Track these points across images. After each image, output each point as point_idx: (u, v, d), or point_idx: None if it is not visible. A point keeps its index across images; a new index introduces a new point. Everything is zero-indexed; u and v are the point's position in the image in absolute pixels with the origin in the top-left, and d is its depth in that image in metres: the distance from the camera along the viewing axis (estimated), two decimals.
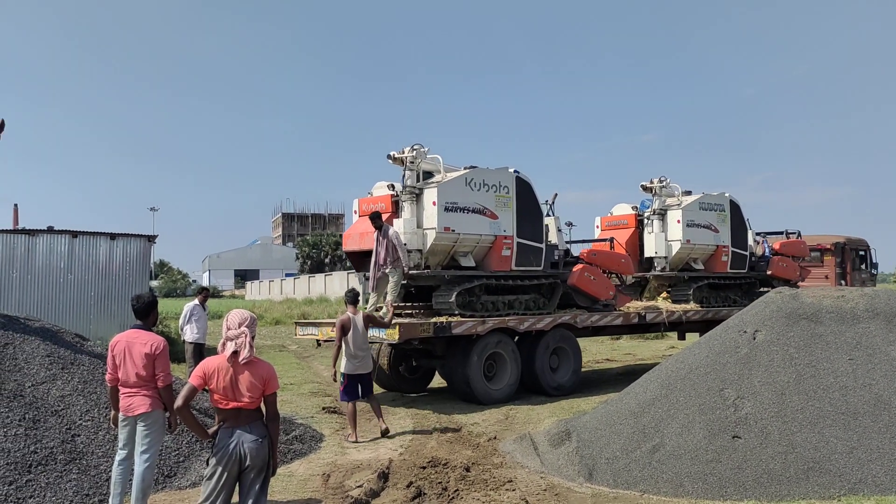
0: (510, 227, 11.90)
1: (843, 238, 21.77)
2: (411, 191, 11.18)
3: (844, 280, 20.95)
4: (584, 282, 12.89)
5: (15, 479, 5.92)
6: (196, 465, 6.89)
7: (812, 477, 5.99)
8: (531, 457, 7.57)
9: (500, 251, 11.75)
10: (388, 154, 11.35)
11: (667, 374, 7.86)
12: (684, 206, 14.77)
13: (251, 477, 4.41)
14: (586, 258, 13.29)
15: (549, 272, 12.66)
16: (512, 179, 12.02)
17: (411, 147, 11.24)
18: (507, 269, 11.90)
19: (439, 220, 10.89)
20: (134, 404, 5.40)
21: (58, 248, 17.45)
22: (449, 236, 11.09)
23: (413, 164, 11.24)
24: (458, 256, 11.50)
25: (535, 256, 12.31)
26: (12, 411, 6.51)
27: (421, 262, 11.12)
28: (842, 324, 7.50)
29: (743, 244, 15.99)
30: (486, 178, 11.64)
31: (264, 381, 4.45)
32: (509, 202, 11.92)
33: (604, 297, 13.25)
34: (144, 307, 5.65)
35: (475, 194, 11.46)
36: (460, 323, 10.85)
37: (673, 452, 6.59)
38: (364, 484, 6.67)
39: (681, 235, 14.58)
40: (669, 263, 14.78)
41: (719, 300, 15.73)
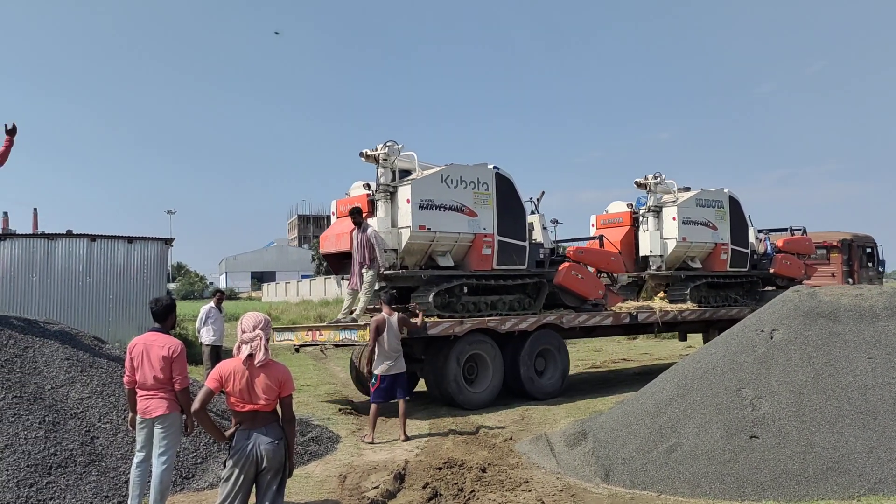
0: (490, 224, 11.59)
1: (849, 235, 21.21)
2: (385, 189, 10.94)
3: (852, 278, 20.41)
4: (570, 281, 12.49)
5: (36, 481, 5.99)
6: (213, 466, 6.93)
7: (831, 477, 5.93)
8: (547, 457, 7.56)
9: (480, 250, 11.44)
10: (360, 152, 11.08)
11: (683, 373, 7.82)
12: (680, 203, 14.41)
13: (268, 478, 4.44)
14: (573, 256, 12.96)
15: (534, 271, 12.32)
16: (491, 176, 11.72)
17: (384, 144, 10.99)
18: (489, 268, 11.59)
19: (414, 219, 10.63)
20: (151, 407, 5.45)
21: (76, 251, 17.63)
22: (425, 235, 10.82)
23: (387, 162, 10.98)
24: (436, 256, 11.23)
25: (518, 255, 11.99)
26: (32, 414, 6.59)
27: (397, 262, 10.88)
28: (860, 322, 7.42)
29: (743, 242, 15.60)
30: (463, 174, 11.35)
31: (280, 383, 4.47)
32: (489, 199, 11.63)
33: (592, 297, 12.85)
34: (162, 310, 5.70)
35: (452, 191, 11.16)
36: (437, 324, 10.51)
37: (690, 452, 6.55)
38: (380, 485, 6.69)
39: (676, 233, 14.19)
40: (665, 262, 14.41)
41: (719, 300, 15.36)
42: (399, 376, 9.02)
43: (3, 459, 6.04)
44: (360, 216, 10.56)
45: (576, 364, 17.36)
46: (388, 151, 10.93)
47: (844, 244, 20.73)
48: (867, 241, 21.93)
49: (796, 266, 16.58)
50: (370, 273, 10.47)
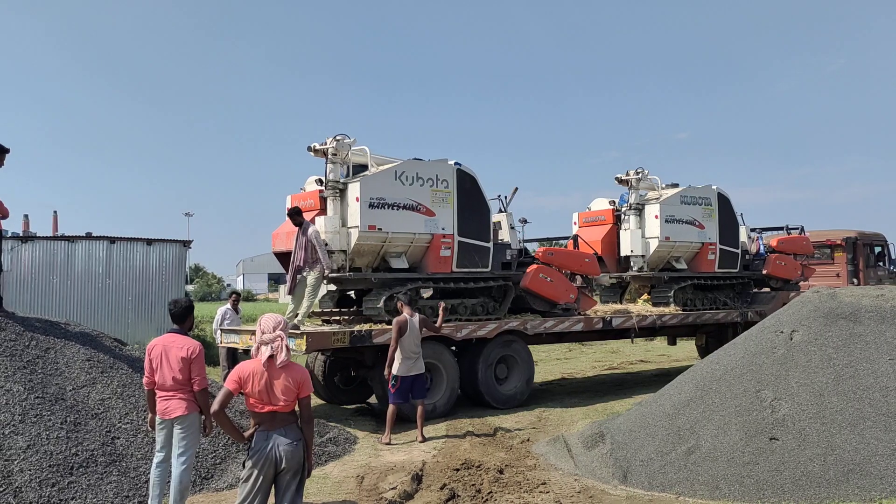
0: (450, 224, 10.85)
1: (854, 232, 19.97)
2: (334, 186, 10.22)
3: (857, 278, 19.34)
4: (538, 284, 11.72)
5: (58, 481, 6.05)
6: (232, 467, 6.98)
7: (852, 479, 5.88)
8: (565, 459, 7.54)
9: (438, 251, 10.73)
10: (308, 146, 10.44)
11: (702, 375, 7.78)
12: (662, 201, 13.59)
13: (287, 479, 4.47)
14: (542, 258, 12.18)
15: (499, 274, 11.57)
16: (451, 172, 10.97)
17: (333, 137, 10.26)
18: (448, 270, 10.87)
19: (363, 218, 9.95)
20: (171, 407, 5.49)
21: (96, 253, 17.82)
22: (375, 235, 10.12)
23: (336, 157, 10.27)
24: (389, 257, 10.54)
25: (481, 256, 11.26)
26: (54, 414, 6.66)
27: (345, 264, 10.20)
28: (882, 323, 7.34)
29: (733, 241, 14.71)
30: (420, 170, 10.61)
31: (298, 384, 4.49)
32: (448, 197, 10.87)
33: (563, 301, 12.04)
34: (181, 312, 5.75)
35: (407, 189, 10.43)
36: (383, 331, 9.76)
37: (709, 454, 6.51)
38: (398, 486, 6.70)
39: (659, 232, 13.38)
40: (647, 263, 13.61)
41: (707, 302, 14.54)
42: (418, 377, 9.02)
43: (25, 459, 6.11)
44: (299, 216, 9.94)
45: (592, 365, 17.32)
46: (338, 145, 10.25)
47: (849, 242, 19.64)
48: (876, 239, 20.83)
49: (792, 267, 15.76)
50: (313, 275, 9.85)
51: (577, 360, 18.57)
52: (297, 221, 9.91)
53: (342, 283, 10.69)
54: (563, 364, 17.87)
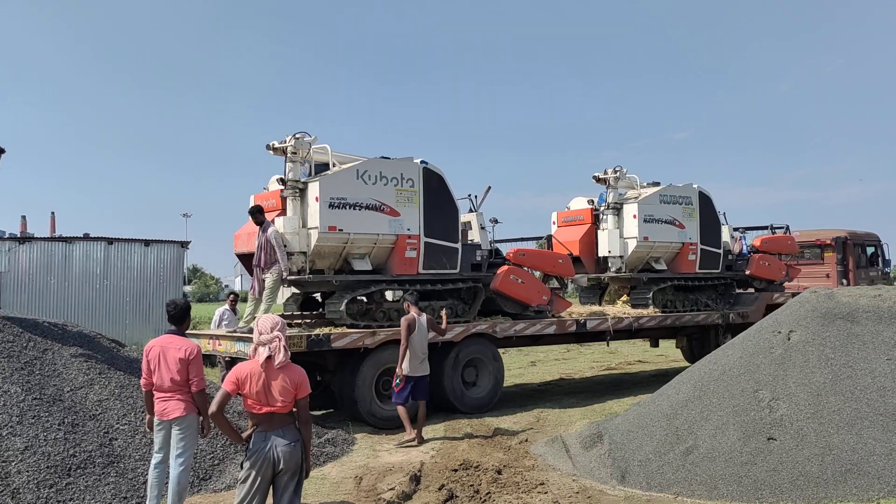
0: (415, 224, 10.46)
1: (845, 232, 19.38)
2: (294, 185, 9.86)
3: (847, 279, 18.71)
4: (508, 285, 11.33)
5: (55, 482, 6.05)
6: (231, 468, 6.97)
7: (850, 479, 5.89)
8: (563, 459, 7.54)
9: (403, 252, 10.36)
10: (266, 144, 10.07)
11: (700, 375, 7.78)
12: (641, 200, 13.19)
13: (285, 480, 4.47)
14: (513, 259, 11.77)
15: (469, 275, 11.19)
16: (417, 171, 10.57)
17: (293, 135, 9.88)
18: (414, 272, 10.50)
19: (322, 219, 9.58)
20: (169, 409, 5.49)
21: (94, 254, 17.80)
22: (336, 236, 9.74)
23: (296, 156, 9.89)
24: (352, 259, 10.13)
25: (449, 257, 10.88)
26: (52, 415, 6.66)
27: (306, 266, 9.81)
28: (879, 323, 7.35)
29: (715, 241, 14.29)
30: (383, 169, 10.23)
31: (296, 385, 4.50)
32: (414, 197, 10.48)
33: (535, 303, 11.66)
34: (179, 313, 5.75)
35: (370, 188, 10.05)
36: (343, 335, 9.50)
37: (707, 454, 6.52)
38: (396, 486, 6.70)
39: (637, 232, 12.97)
40: (626, 263, 13.18)
41: (688, 304, 14.11)
42: (423, 378, 8.98)
43: (23, 461, 6.11)
44: (260, 215, 9.71)
45: (591, 366, 17.33)
46: (297, 143, 9.86)
47: (838, 242, 19.07)
48: (869, 239, 20.26)
49: (776, 267, 15.33)
50: (271, 277, 9.60)
51: (575, 361, 18.58)
52: (258, 220, 9.70)
53: (303, 286, 10.42)
54: (562, 364, 17.88)
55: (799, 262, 18.92)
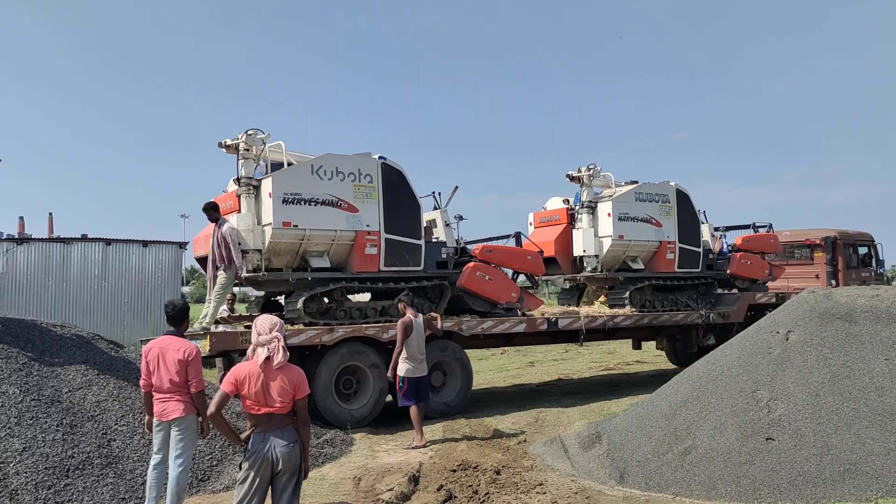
0: (375, 221, 10.26)
1: (834, 232, 18.97)
2: (248, 183, 9.70)
3: (835, 279, 18.36)
4: (475, 282, 11.09)
5: (54, 484, 6.04)
6: (229, 469, 6.97)
7: (848, 479, 5.89)
8: (562, 460, 7.54)
9: (363, 249, 10.14)
10: (219, 142, 9.91)
11: (698, 375, 7.79)
12: (615, 198, 12.93)
13: (283, 480, 4.47)
14: (480, 255, 11.46)
15: (434, 272, 10.98)
16: (375, 166, 10.37)
17: (245, 132, 9.70)
18: (375, 269, 10.30)
19: (276, 214, 9.40)
20: (168, 409, 5.49)
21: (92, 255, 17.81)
22: (291, 232, 9.56)
23: (249, 153, 9.73)
24: (310, 257, 9.93)
25: (412, 254, 10.66)
26: (50, 417, 6.65)
27: (261, 264, 9.65)
28: (877, 323, 7.36)
29: (694, 240, 13.98)
30: (340, 165, 10.00)
31: (295, 385, 4.50)
32: (373, 193, 10.26)
33: (504, 300, 11.43)
34: (177, 313, 5.75)
35: (326, 184, 9.85)
36: (298, 332, 9.32)
37: (705, 455, 6.52)
38: (395, 487, 6.70)
39: (612, 230, 12.72)
40: (601, 263, 12.92)
41: (667, 304, 13.78)
42: (422, 379, 8.96)
43: (21, 462, 6.10)
44: (215, 212, 9.53)
45: (589, 366, 17.35)
46: (248, 140, 9.68)
47: (828, 242, 18.69)
48: (862, 239, 19.84)
49: (759, 266, 15.07)
50: (224, 275, 9.39)
51: (573, 361, 18.61)
52: (212, 217, 9.54)
53: (261, 285, 10.17)
54: (560, 365, 17.90)
55: (789, 262, 18.77)
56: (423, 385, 8.99)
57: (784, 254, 19.01)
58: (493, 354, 20.33)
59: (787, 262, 18.76)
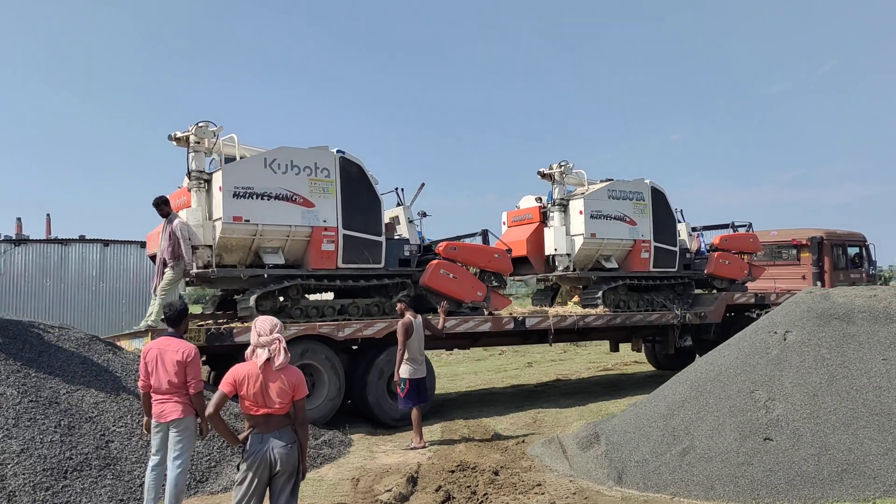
0: (332, 216, 9.92)
1: (822, 232, 18.45)
2: (198, 177, 9.40)
3: (821, 281, 17.82)
4: (438, 280, 10.74)
5: (52, 485, 6.03)
6: (227, 470, 6.97)
7: (846, 479, 5.90)
8: (560, 460, 7.55)
9: (319, 245, 9.81)
10: (168, 134, 9.59)
11: (696, 375, 7.80)
12: (587, 195, 12.56)
13: (281, 482, 4.46)
14: (444, 253, 11.07)
15: (396, 270, 10.64)
16: (333, 160, 10.02)
17: (195, 124, 9.41)
18: (332, 266, 9.96)
19: (227, 208, 9.09)
20: (166, 411, 5.49)
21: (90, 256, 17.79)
22: (243, 227, 9.23)
23: (199, 146, 9.44)
24: (264, 253, 9.63)
25: (372, 251, 10.32)
26: (48, 418, 6.64)
27: (212, 260, 9.30)
28: (875, 323, 7.38)
29: (670, 239, 13.59)
30: (295, 158, 9.68)
31: (293, 386, 4.49)
32: (330, 187, 9.93)
33: (469, 299, 11.10)
34: (176, 315, 5.74)
35: (280, 178, 9.53)
36: (246, 329, 8.87)
37: (703, 455, 6.53)
38: (393, 488, 6.70)
39: (583, 228, 12.33)
40: (574, 262, 12.56)
41: (643, 304, 13.40)
42: (422, 381, 8.96)
43: (19, 463, 6.09)
44: (166, 206, 9.28)
45: (587, 366, 17.35)
46: (198, 132, 9.38)
47: (814, 242, 18.15)
48: (852, 239, 19.36)
49: (737, 265, 14.71)
50: (171, 271, 9.15)
51: (571, 362, 18.61)
52: (163, 212, 9.29)
53: (213, 283, 9.81)
54: (558, 365, 17.91)
55: (776, 262, 18.59)
56: (423, 387, 8.99)
57: (771, 254, 18.85)
58: (492, 355, 20.34)
59: (773, 262, 18.57)
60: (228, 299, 10.67)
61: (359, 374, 10.05)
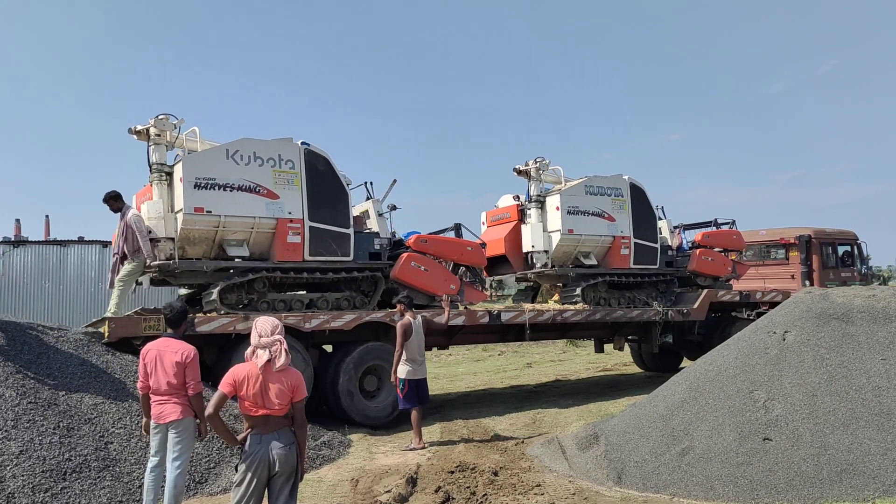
0: (298, 208, 9.79)
1: (810, 230, 18.16)
2: (159, 169, 9.27)
3: (809, 280, 17.55)
4: (409, 273, 10.60)
5: (50, 487, 6.03)
6: (226, 471, 6.97)
7: (845, 479, 5.90)
8: (559, 461, 7.55)
9: (285, 237, 9.68)
10: (129, 128, 9.44)
11: (695, 376, 7.80)
12: (564, 191, 12.43)
13: (280, 483, 4.46)
14: (415, 246, 10.95)
15: (366, 264, 10.49)
16: (298, 152, 9.93)
17: (155, 117, 9.31)
18: (299, 259, 9.82)
19: (188, 200, 8.95)
20: (165, 412, 5.48)
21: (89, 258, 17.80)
22: (205, 219, 9.10)
23: (160, 138, 9.32)
24: (227, 245, 9.48)
25: (340, 244, 10.15)
26: (47, 419, 6.64)
27: (174, 253, 9.15)
28: (874, 323, 7.38)
29: (650, 235, 13.40)
30: (258, 150, 9.57)
31: (293, 387, 4.49)
32: (295, 179, 9.80)
33: (441, 292, 10.80)
34: (176, 316, 5.74)
35: (243, 169, 9.40)
36: (209, 320, 8.89)
37: (703, 455, 6.53)
38: (393, 489, 6.70)
39: (560, 225, 12.17)
40: (551, 259, 12.38)
41: (624, 302, 13.16)
42: (423, 381, 8.96)
43: (18, 465, 6.09)
44: (117, 201, 9.19)
45: (587, 367, 17.36)
46: (159, 125, 9.29)
47: (801, 241, 17.83)
48: (843, 237, 19.03)
49: (720, 262, 14.54)
50: (131, 265, 9.00)
51: (570, 362, 18.62)
52: (114, 207, 9.20)
53: (176, 276, 9.62)
54: (557, 366, 17.92)
55: (765, 261, 18.53)
56: (424, 387, 8.98)
57: (760, 254, 18.79)
58: (491, 356, 20.36)
59: (763, 261, 18.52)
60: (197, 297, 10.48)
61: (330, 374, 9.90)
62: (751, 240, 18.04)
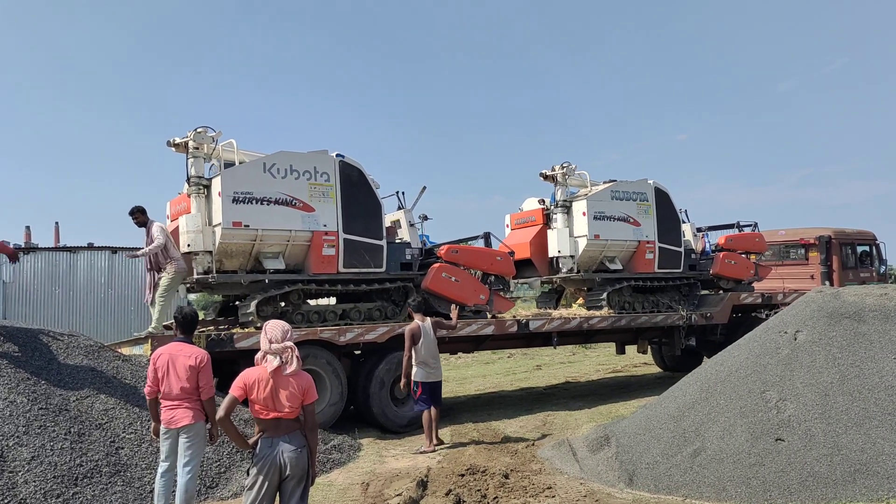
0: (333, 221, 9.84)
1: (830, 230, 18.18)
2: (198, 182, 9.31)
3: (830, 280, 17.59)
4: (440, 284, 10.66)
5: (62, 492, 6.04)
6: (237, 475, 6.97)
7: (859, 479, 5.86)
8: (570, 463, 7.52)
9: (320, 250, 9.72)
10: (167, 140, 9.51)
11: (706, 376, 7.76)
12: (590, 196, 12.46)
13: (291, 486, 4.46)
14: (446, 256, 10.97)
15: (397, 274, 10.56)
16: (333, 164, 9.95)
17: (194, 130, 9.33)
18: (333, 271, 9.86)
19: (226, 214, 9.01)
20: (177, 417, 5.48)
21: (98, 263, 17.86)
22: (243, 233, 9.18)
23: (198, 151, 9.36)
24: (264, 258, 9.55)
25: (373, 255, 10.22)
26: (58, 425, 6.66)
27: (212, 266, 9.21)
28: (886, 322, 7.33)
29: (674, 239, 13.46)
30: (294, 163, 9.64)
31: (303, 391, 4.49)
32: (330, 192, 9.86)
33: (472, 302, 10.99)
34: (187, 321, 5.76)
35: (279, 182, 9.46)
36: (247, 335, 8.92)
37: (715, 456, 6.50)
38: (403, 492, 6.69)
39: (587, 230, 12.18)
40: (578, 264, 12.42)
41: (648, 305, 13.24)
42: (437, 384, 8.94)
43: (30, 471, 6.11)
44: (142, 215, 9.24)
45: (596, 369, 17.30)
46: (197, 137, 9.32)
47: (822, 241, 17.87)
48: (861, 238, 19.02)
49: (743, 266, 14.59)
50: (167, 276, 9.07)
51: (580, 364, 18.57)
52: (139, 221, 9.26)
53: (213, 288, 9.75)
54: (567, 368, 17.87)
55: (784, 262, 18.51)
56: (437, 389, 8.97)
57: (780, 254, 18.78)
58: (500, 358, 20.32)
59: (782, 262, 18.49)
60: (230, 305, 10.63)
61: (361, 385, 9.96)
62: (770, 240, 17.95)
